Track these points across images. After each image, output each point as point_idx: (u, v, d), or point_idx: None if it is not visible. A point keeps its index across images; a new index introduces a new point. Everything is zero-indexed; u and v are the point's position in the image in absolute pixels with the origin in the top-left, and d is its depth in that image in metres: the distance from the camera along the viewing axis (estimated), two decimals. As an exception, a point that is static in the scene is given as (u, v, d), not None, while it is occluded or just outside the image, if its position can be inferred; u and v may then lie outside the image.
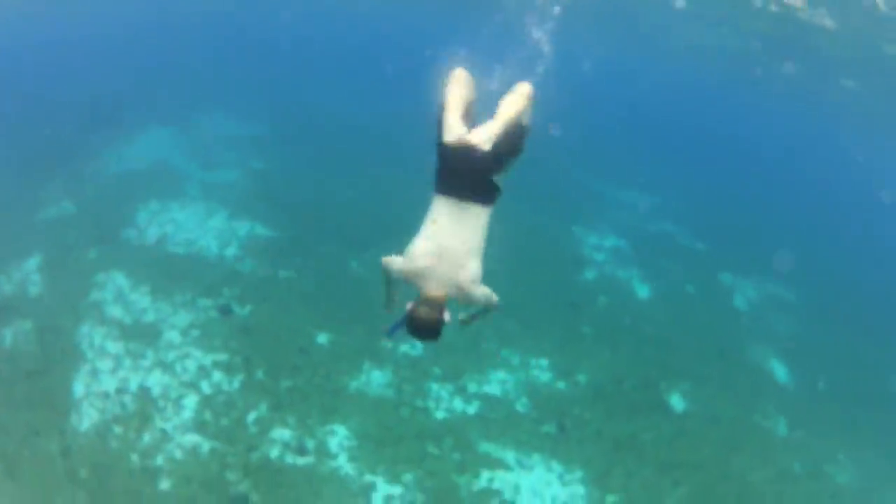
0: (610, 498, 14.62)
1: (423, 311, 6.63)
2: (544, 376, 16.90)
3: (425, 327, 6.63)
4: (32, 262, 17.39)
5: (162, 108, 26.68)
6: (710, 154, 37.69)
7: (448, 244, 6.77)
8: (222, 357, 15.76)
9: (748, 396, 17.97)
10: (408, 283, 6.95)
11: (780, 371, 19.38)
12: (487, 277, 7.15)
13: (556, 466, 14.97)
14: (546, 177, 24.83)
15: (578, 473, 14.94)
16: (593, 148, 31.02)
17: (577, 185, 26.96)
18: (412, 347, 16.67)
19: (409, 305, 6.69)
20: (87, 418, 13.85)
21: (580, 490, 14.64)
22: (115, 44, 34.20)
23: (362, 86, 32.67)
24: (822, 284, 24.39)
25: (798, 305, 22.71)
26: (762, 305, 22.32)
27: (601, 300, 20.03)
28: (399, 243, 7.14)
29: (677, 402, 17.20)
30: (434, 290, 6.69)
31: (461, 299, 7.00)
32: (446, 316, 6.67)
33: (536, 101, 6.91)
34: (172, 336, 16.10)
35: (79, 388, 14.44)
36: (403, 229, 7.33)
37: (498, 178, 6.99)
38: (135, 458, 13.28)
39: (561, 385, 16.78)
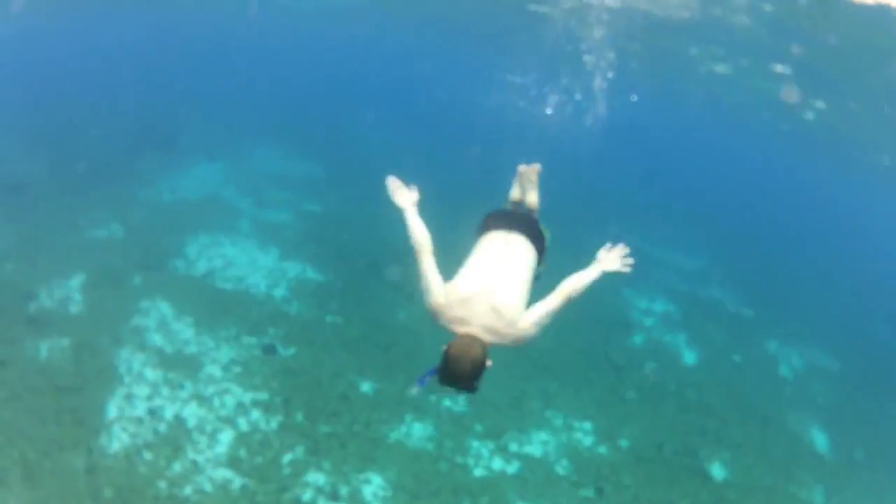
0: (645, 568, 13.79)
1: (460, 347, 6.20)
2: (587, 439, 16.39)
3: (461, 367, 6.14)
4: (75, 281, 17.11)
5: (217, 139, 26.77)
6: (758, 216, 37.34)
7: (490, 276, 6.66)
8: (262, 396, 15.31)
9: (787, 465, 17.41)
10: (447, 326, 6.53)
11: (819, 440, 18.79)
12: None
13: None
14: (594, 235, 24.32)
15: None
16: (642, 207, 31.05)
17: (627, 245, 25.89)
18: (455, 402, 16.19)
19: (443, 347, 6.20)
20: (116, 440, 13.38)
21: None
22: (173, 69, 34.47)
23: (420, 129, 32.50)
24: (867, 353, 23.83)
25: (841, 374, 22.13)
26: (806, 374, 21.74)
27: (647, 365, 19.46)
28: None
29: (717, 470, 16.64)
30: (472, 329, 6.30)
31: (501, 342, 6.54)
32: (488, 362, 6.23)
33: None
34: (213, 370, 15.69)
35: (111, 410, 14.01)
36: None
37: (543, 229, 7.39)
38: (162, 485, 12.77)
39: (602, 449, 16.23)
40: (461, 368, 6.12)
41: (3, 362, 14.37)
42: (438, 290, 6.55)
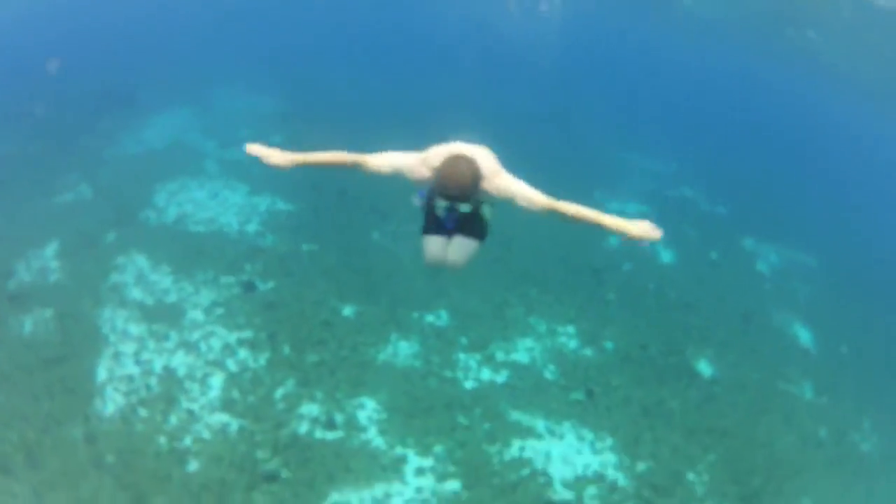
0: (640, 465, 14.50)
1: (452, 157, 6.79)
2: (571, 343, 16.76)
3: (459, 170, 6.61)
4: (51, 249, 17.22)
5: (176, 87, 26.43)
6: (727, 118, 37.27)
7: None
8: (247, 334, 15.64)
9: (773, 361, 17.86)
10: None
11: (803, 336, 19.16)
12: (509, 243, 7.15)
13: (587, 434, 14.87)
14: (566, 143, 25.36)
15: (608, 441, 14.82)
16: (612, 115, 30.66)
17: (596, 151, 26.63)
18: (438, 317, 16.62)
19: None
20: (111, 403, 13.71)
21: (611, 458, 14.52)
22: (123, 24, 33.95)
23: (388, 63, 32.28)
24: (845, 250, 24.06)
25: (820, 271, 22.46)
26: (785, 271, 22.08)
27: (625, 266, 19.83)
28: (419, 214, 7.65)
29: (704, 367, 17.09)
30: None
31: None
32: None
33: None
34: (196, 315, 15.95)
35: (101, 373, 14.28)
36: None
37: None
38: (162, 440, 13.16)
39: (588, 352, 16.63)
40: (459, 171, 6.55)
41: (-11, 344, 14.48)
42: (407, 156, 7.18)
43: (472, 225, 7.68)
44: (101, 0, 37.07)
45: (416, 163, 7.19)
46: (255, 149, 7.37)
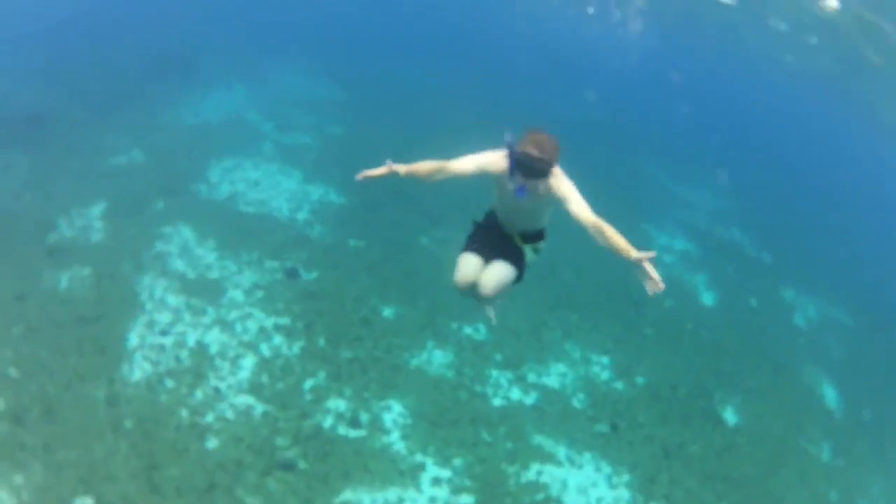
0: (652, 505, 14.01)
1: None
2: (604, 374, 16.46)
3: (541, 139, 6.91)
4: (96, 209, 17.07)
5: (239, 63, 26.39)
6: (785, 162, 36.89)
7: None
8: (284, 321, 15.37)
9: (797, 417, 17.47)
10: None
11: (829, 395, 18.74)
12: (554, 264, 7.05)
13: (605, 467, 14.50)
14: (620, 165, 25.16)
15: (626, 477, 14.45)
16: (668, 143, 30.41)
17: (650, 180, 26.42)
18: (476, 331, 16.31)
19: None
20: (138, 369, 13.49)
21: (625, 494, 14.15)
22: None
23: (449, 56, 32.10)
24: (884, 313, 23.51)
25: (856, 331, 21.89)
26: (821, 326, 21.59)
27: (666, 302, 19.39)
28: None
29: (729, 414, 16.73)
30: None
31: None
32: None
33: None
34: (236, 295, 15.73)
35: (133, 339, 14.08)
36: (478, 207, 7.79)
37: None
38: (184, 413, 12.91)
39: (618, 385, 16.31)
40: (543, 138, 6.87)
41: (22, 296, 14.40)
42: (486, 154, 7.38)
43: (516, 255, 8.10)
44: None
45: (497, 158, 7.30)
46: (365, 174, 7.32)
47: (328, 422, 13.59)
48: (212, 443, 12.61)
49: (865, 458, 17.25)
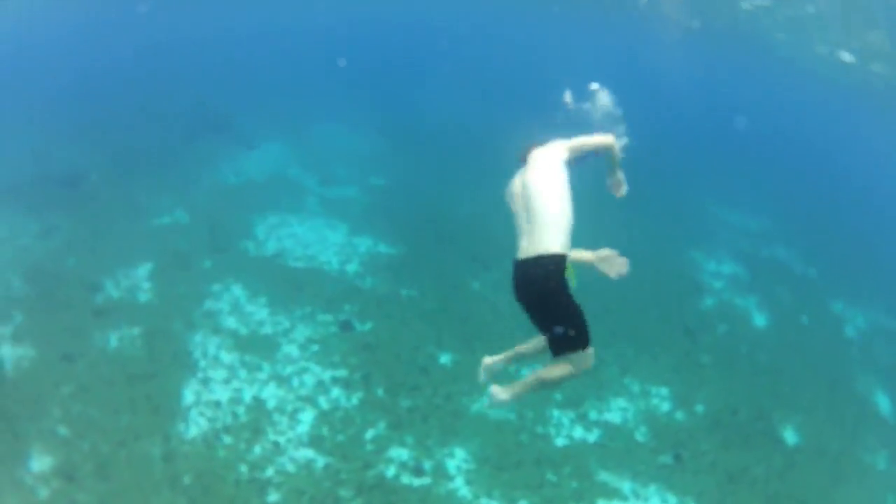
0: (719, 532, 13.68)
1: None
2: (664, 405, 16.29)
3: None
4: (143, 270, 17.08)
5: (278, 119, 26.82)
6: (820, 176, 36.85)
7: None
8: (341, 373, 15.16)
9: (854, 429, 17.26)
10: None
11: (883, 403, 18.68)
12: (606, 300, 6.75)
13: (671, 498, 14.11)
14: (663, 197, 24.99)
15: None
16: (707, 168, 30.91)
17: (693, 207, 26.85)
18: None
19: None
20: (194, 426, 13.21)
21: None
22: (226, 51, 34.48)
23: (484, 96, 32.21)
24: None
25: None
26: (870, 334, 21.66)
27: (720, 328, 19.55)
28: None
29: (789, 434, 16.54)
30: None
31: None
32: None
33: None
34: (290, 350, 15.55)
35: (188, 396, 13.86)
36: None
37: None
38: (243, 468, 12.57)
39: (679, 415, 16.11)
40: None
41: (70, 356, 14.20)
42: None
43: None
44: (204, 20, 37.69)
45: None
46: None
47: (391, 471, 13.21)
48: (273, 496, 12.22)
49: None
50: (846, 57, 29.64)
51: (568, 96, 7.69)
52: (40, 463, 11.94)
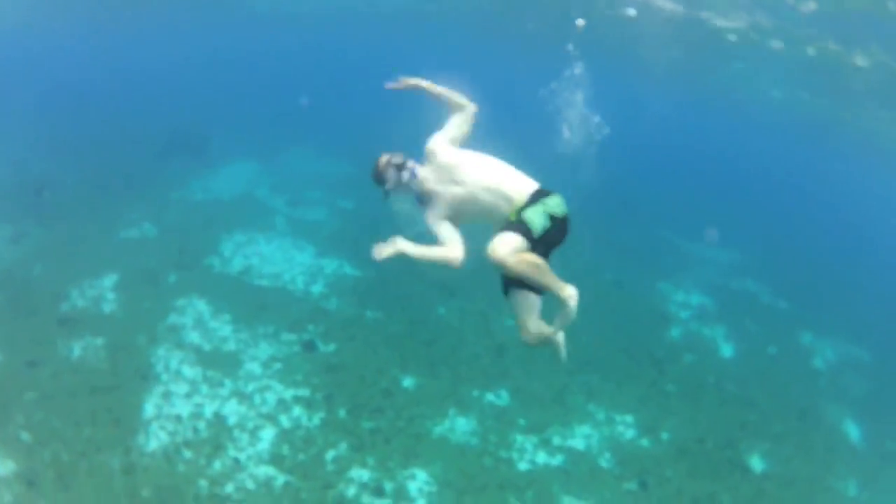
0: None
1: None
2: (629, 433, 16.30)
3: None
4: (109, 281, 17.15)
5: (247, 142, 27.06)
6: (789, 208, 37.53)
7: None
8: (304, 392, 15.19)
9: (823, 457, 17.36)
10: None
11: (852, 431, 18.75)
12: (572, 329, 6.71)
13: None
14: (631, 231, 25.48)
15: None
16: (674, 203, 31.33)
17: (660, 240, 26.97)
18: (498, 397, 16.20)
19: None
20: (154, 439, 13.23)
21: None
22: (198, 76, 34.64)
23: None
24: None
25: (873, 366, 22.10)
26: (839, 366, 21.79)
27: (686, 358, 19.62)
28: (488, 293, 7.65)
29: (756, 462, 16.53)
30: None
31: None
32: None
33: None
34: (253, 367, 15.59)
35: (149, 409, 13.88)
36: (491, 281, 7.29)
37: None
38: (203, 483, 12.57)
39: (644, 442, 16.13)
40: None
41: (34, 363, 14.30)
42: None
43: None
44: (183, 44, 37.84)
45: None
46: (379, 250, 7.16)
47: (352, 491, 13.22)
48: (232, 513, 12.11)
49: (890, 488, 17.14)
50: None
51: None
52: (3, 467, 11.98)
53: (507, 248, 6.35)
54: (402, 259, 6.82)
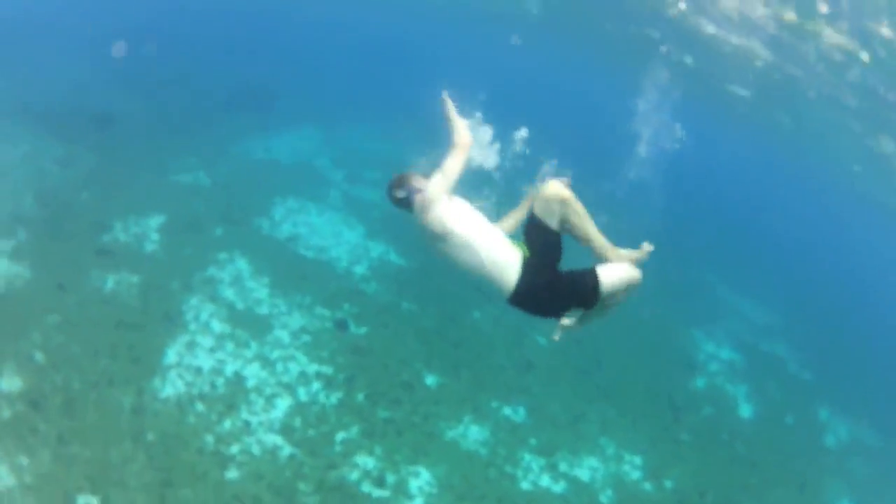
0: None
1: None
2: (634, 473, 16.02)
3: None
4: (154, 221, 17.16)
5: (314, 109, 26.84)
6: (840, 280, 36.87)
7: None
8: (327, 370, 15.06)
9: None
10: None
11: None
12: (600, 357, 6.53)
13: None
14: (676, 266, 24.50)
15: None
16: (726, 246, 30.89)
17: (703, 283, 26.71)
18: (515, 412, 16.04)
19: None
20: (170, 386, 13.18)
21: None
22: (281, 34, 34.55)
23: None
24: None
25: (882, 452, 21.64)
26: (849, 446, 21.37)
27: (705, 410, 19.39)
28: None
29: None
30: None
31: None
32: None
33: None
34: (282, 335, 15.49)
35: (171, 355, 13.84)
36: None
37: None
38: (210, 439, 12.52)
39: (648, 486, 15.83)
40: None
41: (63, 286, 14.30)
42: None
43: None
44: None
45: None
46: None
47: (354, 476, 13.11)
48: (232, 473, 12.16)
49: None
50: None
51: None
52: (9, 383, 11.99)
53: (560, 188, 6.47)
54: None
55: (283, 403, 13.93)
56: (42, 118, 19.34)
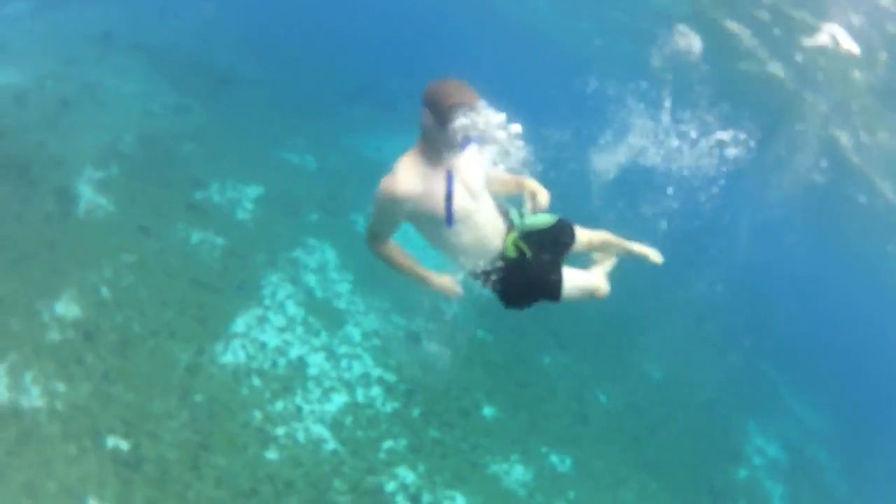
0: None
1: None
2: None
3: None
4: (252, 191, 17.31)
5: None
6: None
7: None
8: (389, 377, 15.03)
9: None
10: None
11: None
12: (654, 428, 6.24)
13: None
14: (737, 353, 24.11)
15: None
16: (797, 349, 29.70)
17: (762, 375, 26.12)
18: (562, 462, 15.78)
19: None
20: (231, 354, 13.22)
21: None
22: (429, 37, 34.85)
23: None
24: None
25: None
26: None
27: (740, 503, 18.88)
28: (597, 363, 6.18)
29: None
30: None
31: None
32: None
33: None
34: (353, 332, 15.50)
35: (239, 324, 13.90)
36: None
37: None
38: (257, 415, 12.51)
39: None
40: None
41: (147, 230, 14.50)
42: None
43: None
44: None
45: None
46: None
47: (391, 487, 13.01)
48: (272, 454, 12.14)
49: None
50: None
51: None
52: (66, 308, 12.11)
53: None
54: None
55: (339, 399, 13.90)
56: (160, 62, 19.69)
